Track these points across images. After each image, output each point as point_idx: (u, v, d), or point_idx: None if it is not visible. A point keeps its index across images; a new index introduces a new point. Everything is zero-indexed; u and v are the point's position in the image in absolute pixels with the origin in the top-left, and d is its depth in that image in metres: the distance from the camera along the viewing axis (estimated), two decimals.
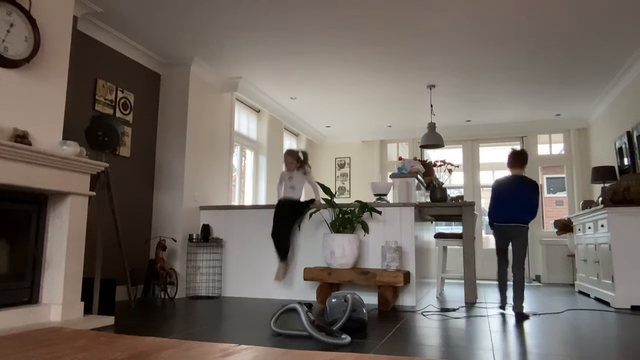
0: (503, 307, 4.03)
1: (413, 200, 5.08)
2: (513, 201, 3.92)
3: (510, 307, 3.92)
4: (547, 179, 10.62)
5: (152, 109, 5.24)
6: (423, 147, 6.71)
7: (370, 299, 4.37)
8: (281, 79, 5.96)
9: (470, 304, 4.47)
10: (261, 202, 6.83)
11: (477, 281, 5.06)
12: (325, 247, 4.34)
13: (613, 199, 4.58)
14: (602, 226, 4.68)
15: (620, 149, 5.84)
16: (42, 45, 3.12)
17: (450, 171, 5.90)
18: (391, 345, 2.66)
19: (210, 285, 4.98)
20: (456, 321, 3.53)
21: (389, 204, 4.66)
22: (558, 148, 8.17)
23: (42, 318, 3.05)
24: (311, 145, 8.75)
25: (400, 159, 5.77)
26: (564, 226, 6.59)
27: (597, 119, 7.02)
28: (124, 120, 4.77)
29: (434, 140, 6.17)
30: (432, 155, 8.08)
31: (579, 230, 5.69)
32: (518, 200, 3.91)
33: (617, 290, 4.35)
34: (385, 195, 4.95)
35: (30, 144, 2.92)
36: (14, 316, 2.87)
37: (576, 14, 4.20)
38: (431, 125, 6.26)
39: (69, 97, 3.45)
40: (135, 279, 4.67)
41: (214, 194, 5.61)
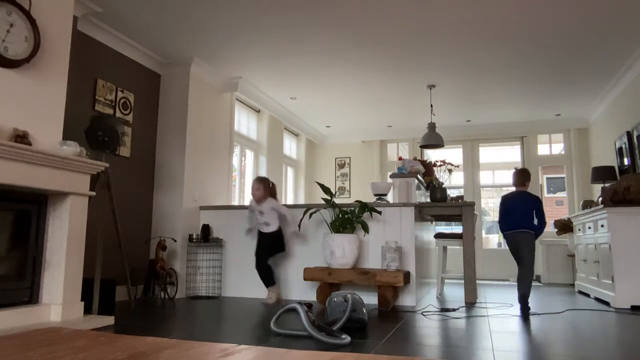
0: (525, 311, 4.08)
1: (413, 200, 5.08)
2: (516, 211, 4.34)
3: (530, 311, 4.04)
4: (547, 179, 10.60)
5: (152, 109, 5.24)
6: (423, 147, 6.71)
7: (370, 299, 4.37)
8: (281, 79, 5.96)
9: (470, 304, 4.47)
10: None
11: (477, 281, 5.06)
12: (325, 247, 4.34)
13: (613, 199, 4.59)
14: (602, 226, 4.68)
15: (620, 149, 5.84)
16: (42, 45, 3.12)
17: (450, 171, 5.90)
18: (391, 345, 2.66)
19: (210, 285, 4.98)
20: (456, 321, 3.53)
21: (389, 204, 4.66)
22: (558, 148, 8.16)
23: (42, 318, 3.05)
24: (311, 145, 8.75)
25: (400, 159, 5.77)
26: (564, 226, 6.59)
27: (597, 119, 7.02)
28: (124, 120, 4.77)
29: (434, 140, 6.17)
30: (432, 155, 8.08)
31: (579, 230, 5.69)
32: (520, 210, 4.33)
33: (617, 290, 4.35)
34: (385, 195, 4.95)
35: (30, 144, 2.92)
36: (14, 316, 2.87)
37: (576, 14, 4.20)
38: (431, 125, 6.25)
39: (69, 97, 3.44)
40: (135, 279, 4.67)
41: (214, 194, 5.61)
